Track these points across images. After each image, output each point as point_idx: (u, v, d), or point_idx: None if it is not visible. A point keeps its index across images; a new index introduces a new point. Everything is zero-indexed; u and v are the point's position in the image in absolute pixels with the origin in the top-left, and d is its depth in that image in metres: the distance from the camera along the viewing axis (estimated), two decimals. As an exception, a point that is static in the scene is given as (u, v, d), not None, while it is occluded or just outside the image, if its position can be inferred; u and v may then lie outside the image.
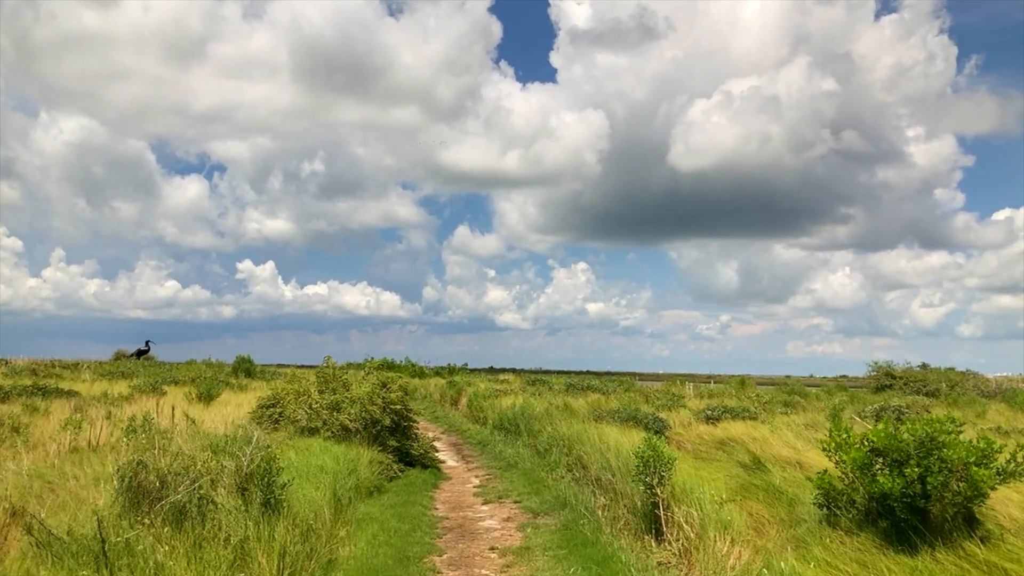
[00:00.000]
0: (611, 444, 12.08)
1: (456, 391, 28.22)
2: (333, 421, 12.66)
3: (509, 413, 18.85)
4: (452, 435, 21.49)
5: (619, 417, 15.28)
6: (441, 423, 24.37)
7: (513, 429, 17.74)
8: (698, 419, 18.17)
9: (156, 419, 14.43)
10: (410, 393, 36.59)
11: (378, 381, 13.71)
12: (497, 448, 17.03)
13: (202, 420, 15.37)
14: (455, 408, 27.03)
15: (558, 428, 15.10)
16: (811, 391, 29.44)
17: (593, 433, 13.27)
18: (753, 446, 14.16)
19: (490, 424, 20.12)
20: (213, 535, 5.89)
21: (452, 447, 18.92)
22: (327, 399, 12.90)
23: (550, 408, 17.32)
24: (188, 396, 20.14)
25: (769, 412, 19.92)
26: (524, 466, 14.31)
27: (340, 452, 11.64)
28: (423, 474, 13.57)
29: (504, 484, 13.08)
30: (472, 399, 24.25)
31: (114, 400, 18.86)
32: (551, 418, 16.37)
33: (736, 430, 16.18)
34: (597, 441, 12.69)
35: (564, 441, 13.93)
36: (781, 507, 9.13)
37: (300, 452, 11.01)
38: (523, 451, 15.79)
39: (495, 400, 22.07)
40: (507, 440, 17.59)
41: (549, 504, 10.94)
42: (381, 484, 11.89)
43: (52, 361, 37.96)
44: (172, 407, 13.71)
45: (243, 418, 14.33)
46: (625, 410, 15.76)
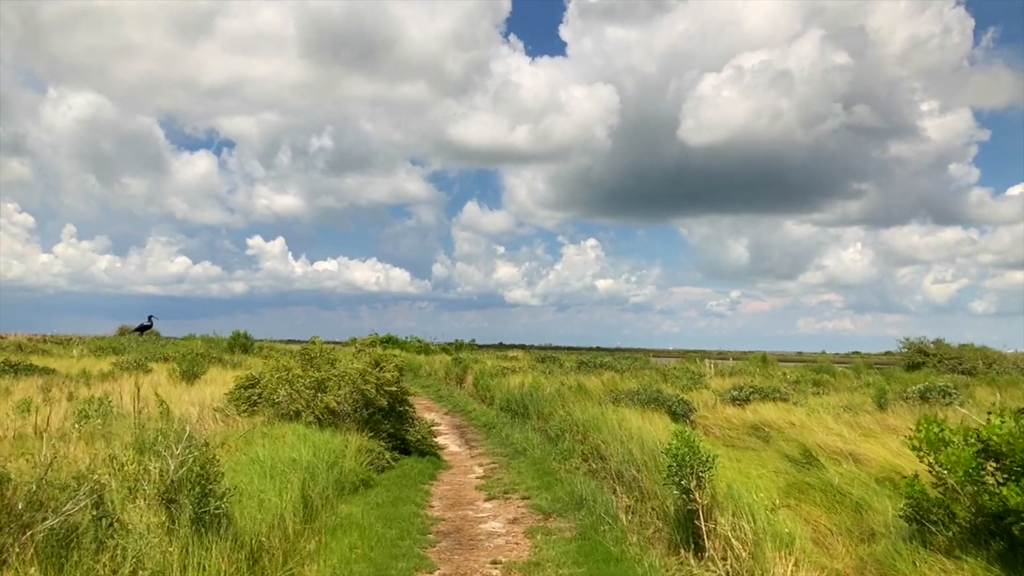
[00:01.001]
0: (633, 432, 10.52)
1: (462, 369, 26.73)
2: (317, 403, 11.14)
3: (517, 393, 17.32)
4: (456, 416, 20.01)
5: (639, 399, 13.72)
6: (445, 403, 22.90)
7: (521, 411, 16.21)
8: (723, 400, 16.60)
9: (120, 401, 13.01)
10: (415, 370, 35.21)
11: (371, 359, 12.16)
12: (504, 432, 15.52)
13: (180, 400, 13.93)
14: (460, 387, 25.54)
15: (571, 411, 13.55)
16: (838, 369, 27.78)
17: (612, 418, 11.71)
18: (792, 432, 12.59)
19: (497, 405, 18.61)
20: (114, 568, 4.36)
21: (455, 430, 17.44)
22: (310, 378, 11.38)
23: (562, 388, 15.77)
24: (172, 374, 18.71)
25: (799, 392, 18.33)
26: (533, 454, 12.78)
27: (323, 440, 10.13)
28: (420, 463, 12.06)
29: (511, 475, 11.56)
30: (478, 377, 22.75)
31: (91, 378, 17.45)
32: (563, 400, 14.82)
33: (768, 413, 14.60)
34: (617, 428, 11.13)
35: (578, 427, 12.38)
36: (845, 513, 7.56)
37: (273, 441, 9.49)
38: (532, 436, 14.26)
39: (502, 379, 20.55)
40: (515, 423, 16.07)
41: (562, 503, 9.40)
42: (370, 476, 10.38)
43: (44, 336, 36.71)
44: (138, 387, 12.22)
45: (223, 399, 12.87)
46: (645, 391, 14.19)
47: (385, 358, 12.38)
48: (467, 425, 18.03)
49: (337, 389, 11.36)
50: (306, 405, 11.15)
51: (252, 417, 11.71)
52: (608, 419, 11.76)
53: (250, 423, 11.51)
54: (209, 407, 12.46)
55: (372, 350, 12.62)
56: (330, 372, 11.47)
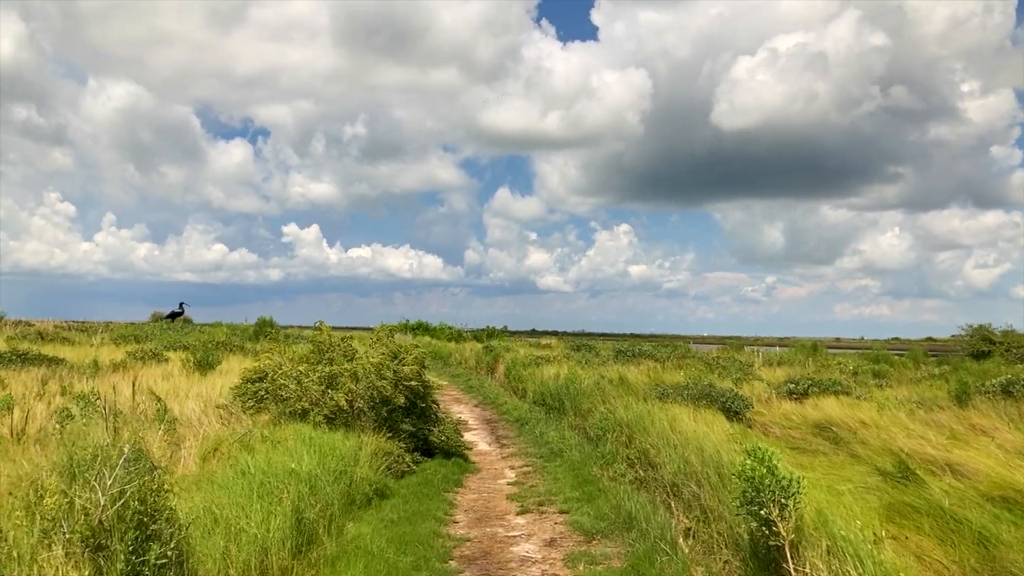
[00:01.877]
0: (688, 436, 9.11)
1: (493, 358, 25.43)
2: (327, 401, 9.90)
3: (551, 386, 15.96)
4: (487, 408, 18.73)
5: (689, 394, 12.28)
6: (475, 394, 21.64)
7: (556, 406, 14.85)
8: (778, 394, 15.09)
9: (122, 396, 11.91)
10: (444, 358, 33.97)
11: (388, 351, 10.87)
12: (538, 429, 14.19)
13: (188, 394, 12.82)
14: (492, 376, 24.26)
15: (613, 408, 12.16)
16: (896, 358, 25.95)
17: (661, 418, 10.31)
18: (867, 434, 11.07)
19: (530, 397, 17.27)
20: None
21: (485, 424, 16.15)
22: (319, 372, 10.13)
23: (601, 382, 14.37)
24: (185, 364, 17.68)
25: (861, 385, 16.71)
26: (571, 456, 11.43)
27: (332, 443, 8.88)
28: (444, 466, 10.78)
29: (547, 482, 10.23)
30: (510, 367, 21.43)
31: (100, 369, 16.47)
32: (603, 394, 13.43)
33: (832, 409, 13.07)
34: (668, 430, 9.73)
35: (622, 426, 10.99)
36: (965, 547, 6.08)
37: (273, 446, 8.25)
38: (569, 435, 12.91)
39: (535, 369, 19.20)
40: (549, 419, 14.72)
41: (608, 521, 8.04)
42: (386, 485, 9.11)
43: (71, 323, 36.19)
44: (135, 381, 11.10)
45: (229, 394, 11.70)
46: (695, 386, 12.74)
47: (405, 349, 11.09)
48: (498, 420, 16.74)
49: (350, 385, 10.10)
50: (314, 403, 9.91)
51: (258, 415, 10.52)
52: (657, 419, 10.35)
53: (255, 422, 10.32)
54: (216, 402, 11.30)
55: (390, 340, 11.33)
56: (342, 368, 10.21)
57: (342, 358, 10.64)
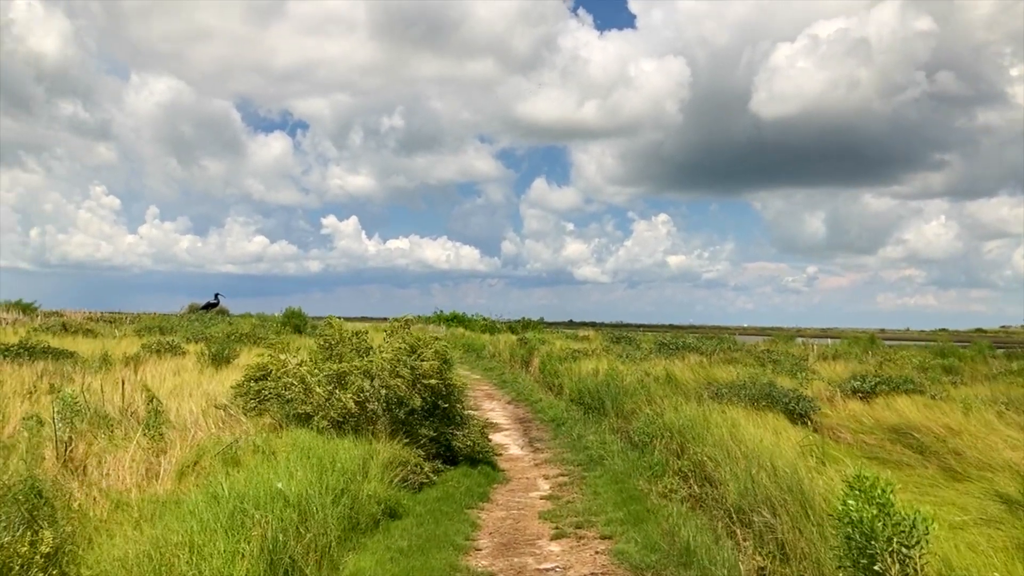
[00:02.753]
0: (752, 446, 7.72)
1: (527, 350, 24.12)
2: (333, 403, 8.68)
3: (590, 382, 14.60)
4: (520, 406, 17.44)
5: (747, 395, 10.85)
6: (509, 389, 20.36)
7: (596, 405, 13.50)
8: (843, 392, 13.54)
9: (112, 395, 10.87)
10: (478, 351, 32.69)
11: (405, 344, 9.61)
12: (575, 430, 12.85)
13: (195, 391, 11.75)
14: (526, 371, 22.96)
15: (660, 410, 10.78)
16: (963, 351, 24.03)
17: (718, 423, 8.92)
18: (960, 443, 9.53)
19: (566, 395, 15.93)
20: None
21: (518, 424, 14.87)
22: (326, 371, 8.92)
23: (645, 379, 12.98)
24: (201, 358, 16.68)
25: (933, 382, 15.06)
26: (613, 465, 10.08)
27: (337, 452, 7.66)
28: (469, 476, 9.51)
29: (585, 496, 8.90)
30: (545, 361, 20.10)
31: (110, 363, 15.53)
32: (648, 393, 12.05)
33: (909, 411, 11.49)
34: (727, 438, 8.33)
35: (672, 432, 9.61)
36: None
37: (265, 459, 7.05)
38: (610, 438, 11.56)
39: (572, 364, 17.85)
40: (588, 420, 13.38)
41: (660, 552, 6.67)
42: (399, 502, 7.86)
43: (99, 314, 35.72)
44: (123, 380, 10.01)
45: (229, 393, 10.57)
46: (754, 385, 11.28)
47: (424, 342, 9.81)
48: (532, 419, 15.43)
49: (362, 383, 8.87)
50: (320, 406, 8.69)
51: (260, 417, 9.36)
52: (713, 424, 8.96)
53: (256, 426, 9.15)
54: (217, 402, 10.17)
55: (406, 332, 10.06)
56: (352, 365, 8.99)
57: (352, 354, 9.41)
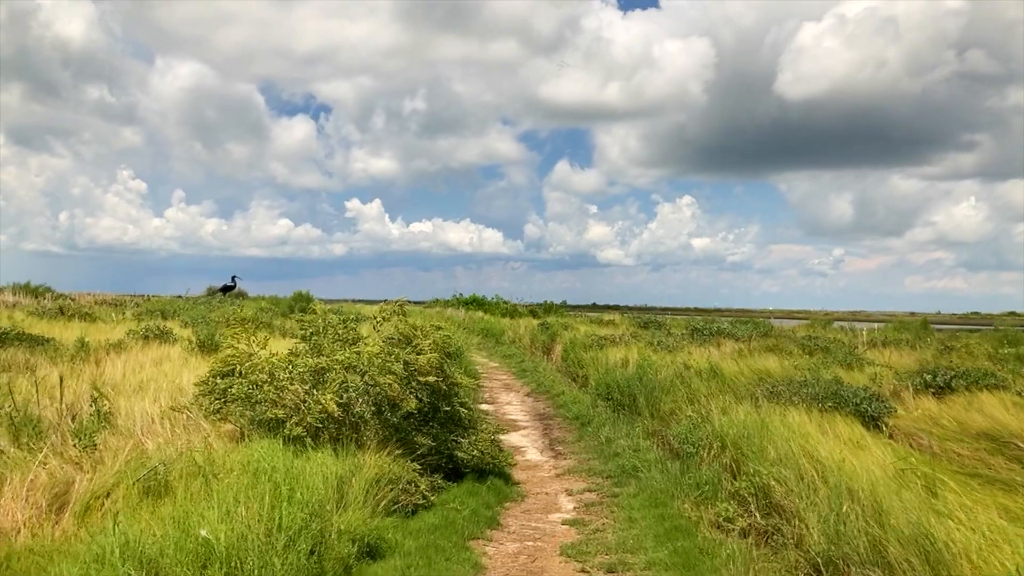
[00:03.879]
0: (830, 463, 5.98)
1: (549, 336, 22.41)
2: (310, 405, 7.04)
3: (619, 375, 12.88)
4: (540, 399, 15.77)
5: (809, 394, 9.07)
6: (528, 379, 18.68)
7: (626, 402, 11.78)
8: (913, 386, 11.68)
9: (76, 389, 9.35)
10: (497, 336, 30.99)
11: (398, 333, 7.94)
12: (603, 432, 11.14)
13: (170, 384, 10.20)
14: (547, 358, 21.26)
15: (706, 412, 9.05)
16: None
17: (782, 434, 7.17)
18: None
19: (592, 387, 14.21)
20: None
21: (537, 421, 13.20)
22: (300, 366, 7.27)
23: (685, 373, 11.23)
24: (188, 345, 15.15)
25: (1014, 375, 13.13)
26: (650, 479, 8.36)
27: (303, 472, 6.03)
28: (475, 494, 7.84)
29: (618, 524, 7.19)
30: (568, 348, 18.39)
31: (88, 351, 14.05)
32: (689, 390, 10.31)
33: (998, 412, 9.66)
34: (798, 454, 6.59)
35: (724, 441, 7.88)
36: None
37: (205, 487, 5.42)
38: (645, 444, 9.85)
39: (598, 352, 16.12)
40: (618, 419, 11.67)
41: (724, 619, 4.96)
42: (383, 535, 6.21)
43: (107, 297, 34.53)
44: (61, 376, 8.44)
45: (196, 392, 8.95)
46: (817, 381, 9.48)
47: (422, 331, 8.12)
48: (553, 415, 13.75)
49: (347, 379, 7.22)
50: (294, 409, 7.06)
51: (225, 421, 7.75)
52: (776, 434, 7.21)
53: (219, 432, 7.55)
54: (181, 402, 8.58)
55: (401, 319, 8.36)
56: (333, 358, 7.33)
57: (335, 346, 7.76)
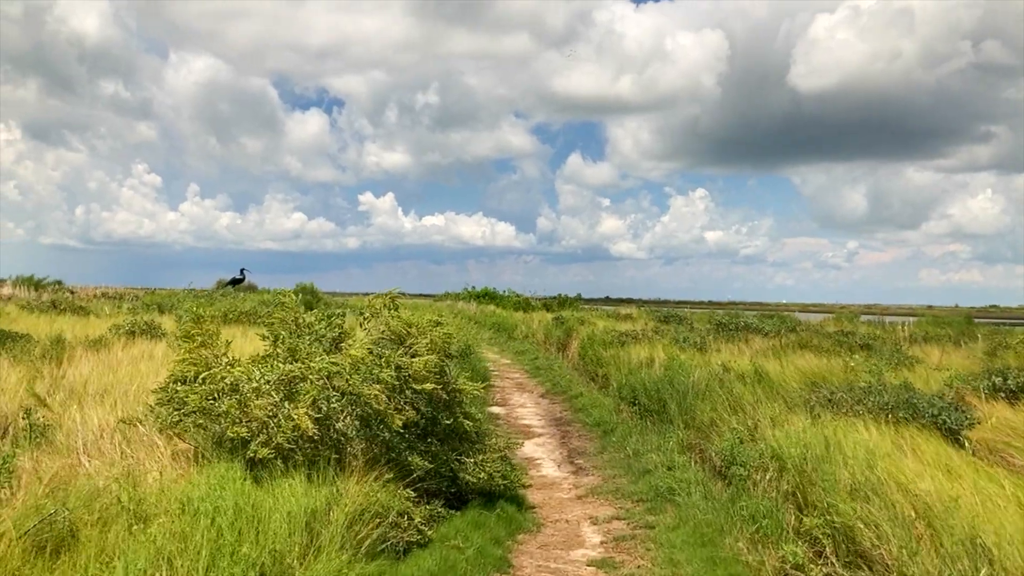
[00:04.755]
0: (926, 495, 4.62)
1: (564, 332, 21.06)
2: (280, 423, 5.73)
3: (645, 376, 11.52)
4: (556, 400, 14.44)
5: (876, 403, 7.68)
6: (543, 378, 17.35)
7: (656, 408, 10.43)
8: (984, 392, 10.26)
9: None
10: (509, 331, 29.62)
11: (389, 333, 6.62)
12: (629, 443, 9.78)
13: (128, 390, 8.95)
14: (563, 355, 19.92)
15: (753, 423, 7.70)
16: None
17: (855, 453, 5.81)
18: None
19: (614, 389, 12.85)
20: None
21: (554, 427, 11.88)
22: (268, 375, 5.97)
23: (724, 376, 9.84)
24: (174, 342, 13.90)
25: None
26: (691, 505, 7.01)
27: (265, 509, 4.74)
28: (481, 527, 6.52)
29: (659, 569, 5.85)
30: (585, 345, 17.05)
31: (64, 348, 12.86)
32: (730, 396, 8.93)
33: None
34: (885, 485, 5.23)
35: (784, 463, 6.51)
36: None
37: (128, 536, 4.13)
38: (680, 459, 8.49)
39: (619, 350, 14.76)
40: (645, 427, 10.33)
41: None
42: (364, 588, 4.90)
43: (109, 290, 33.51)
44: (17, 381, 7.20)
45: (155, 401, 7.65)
46: (885, 389, 8.09)
47: (417, 329, 6.79)
48: (571, 420, 12.42)
49: (323, 394, 5.92)
50: (260, 427, 5.76)
51: (178, 439, 6.47)
52: (849, 455, 5.85)
53: (171, 451, 6.28)
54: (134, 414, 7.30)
55: (393, 315, 7.00)
56: (308, 365, 6.02)
57: (313, 348, 6.44)
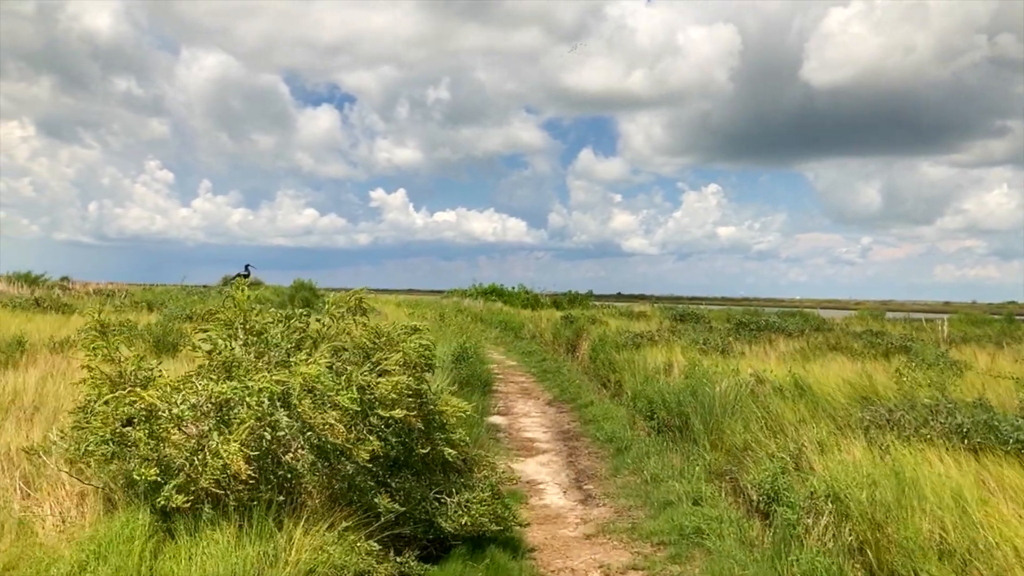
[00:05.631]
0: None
1: (574, 331, 19.72)
2: (209, 460, 4.44)
3: (663, 386, 10.17)
4: (563, 409, 13.13)
5: (949, 425, 6.32)
6: (550, 382, 16.04)
7: (677, 424, 9.09)
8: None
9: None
10: (516, 330, 28.26)
11: (351, 345, 5.31)
12: (647, 465, 8.45)
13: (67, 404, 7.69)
14: (572, 357, 18.58)
15: (797, 448, 6.36)
16: None
17: (941, 495, 4.47)
18: None
19: (628, 399, 11.50)
20: None
21: (560, 442, 10.57)
22: (196, 394, 4.67)
23: (758, 388, 8.50)
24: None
25: None
26: (729, 563, 5.67)
27: None
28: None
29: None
30: (597, 347, 15.71)
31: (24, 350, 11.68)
32: (767, 413, 7.59)
33: None
34: (994, 544, 3.89)
35: (844, 504, 5.17)
36: None
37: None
38: (708, 489, 7.16)
39: (634, 353, 13.42)
40: (665, 445, 8.99)
41: None
42: None
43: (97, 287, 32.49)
44: None
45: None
46: (954, 407, 6.71)
47: (389, 339, 5.47)
48: (580, 433, 11.10)
49: (259, 424, 4.62)
50: (182, 465, 4.48)
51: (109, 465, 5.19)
52: (936, 503, 4.52)
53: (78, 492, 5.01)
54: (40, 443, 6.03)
55: (359, 318, 5.64)
56: (243, 384, 4.72)
57: (259, 361, 5.15)
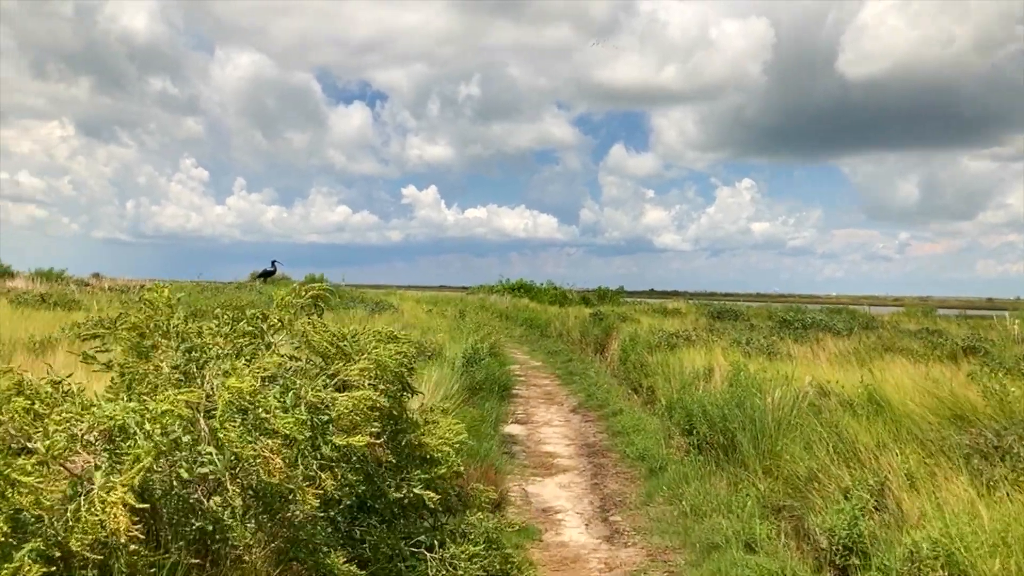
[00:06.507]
0: None
1: (603, 330, 18.31)
2: (83, 516, 3.17)
3: (703, 398, 8.74)
4: (589, 418, 11.77)
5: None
6: (576, 386, 14.69)
7: (720, 441, 7.68)
8: None
9: None
10: (542, 328, 26.85)
11: (301, 355, 4.04)
12: (686, 493, 7.06)
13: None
14: (601, 358, 17.19)
15: (880, 484, 4.94)
16: None
17: None
18: None
19: (662, 408, 10.06)
20: None
21: (584, 455, 9.24)
22: (78, 422, 3.43)
23: (820, 401, 7.06)
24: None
25: None
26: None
27: None
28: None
29: None
30: (627, 347, 14.30)
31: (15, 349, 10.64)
32: (835, 433, 6.16)
33: None
34: None
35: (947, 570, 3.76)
36: None
37: None
38: (763, 529, 5.77)
39: (668, 355, 12.01)
40: (707, 466, 7.59)
41: None
42: None
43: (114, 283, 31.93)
44: None
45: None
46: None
47: (354, 347, 4.16)
48: (607, 447, 9.74)
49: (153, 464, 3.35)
50: (44, 524, 3.21)
51: None
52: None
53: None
54: None
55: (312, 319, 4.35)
56: (140, 408, 3.46)
57: (176, 374, 3.90)
